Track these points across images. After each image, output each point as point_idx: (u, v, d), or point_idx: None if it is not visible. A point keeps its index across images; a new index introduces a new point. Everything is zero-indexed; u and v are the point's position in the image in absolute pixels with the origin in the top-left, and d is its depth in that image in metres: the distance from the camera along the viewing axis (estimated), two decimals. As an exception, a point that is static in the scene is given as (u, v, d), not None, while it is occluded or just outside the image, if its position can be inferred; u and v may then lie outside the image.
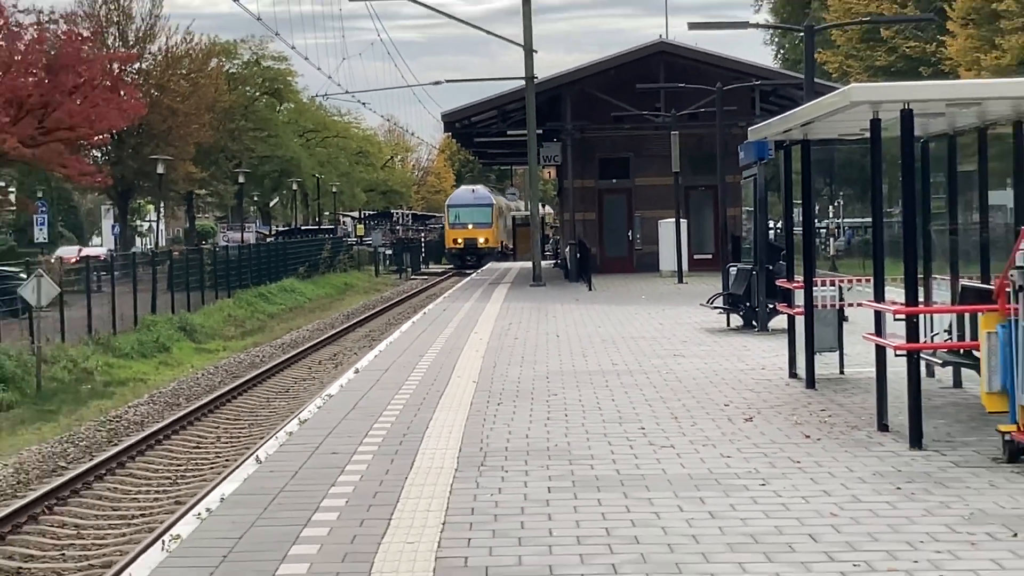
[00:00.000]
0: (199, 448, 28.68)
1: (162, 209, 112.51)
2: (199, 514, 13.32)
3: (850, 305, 23.27)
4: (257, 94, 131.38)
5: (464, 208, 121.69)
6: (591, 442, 16.89)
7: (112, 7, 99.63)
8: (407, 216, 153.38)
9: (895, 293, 17.62)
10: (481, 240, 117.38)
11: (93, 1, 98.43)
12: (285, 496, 14.08)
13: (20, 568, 14.84)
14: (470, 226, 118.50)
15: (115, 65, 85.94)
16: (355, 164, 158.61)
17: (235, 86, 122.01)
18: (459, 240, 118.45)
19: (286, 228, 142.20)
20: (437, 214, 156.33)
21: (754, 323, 32.14)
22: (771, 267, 30.87)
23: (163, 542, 12.29)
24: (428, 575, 10.75)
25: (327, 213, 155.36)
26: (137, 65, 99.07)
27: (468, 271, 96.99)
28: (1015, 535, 11.64)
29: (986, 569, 10.60)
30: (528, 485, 14.29)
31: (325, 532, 12.33)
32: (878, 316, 18.13)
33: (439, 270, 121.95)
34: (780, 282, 26.98)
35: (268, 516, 13.12)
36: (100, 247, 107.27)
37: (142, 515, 21.94)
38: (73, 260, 71.26)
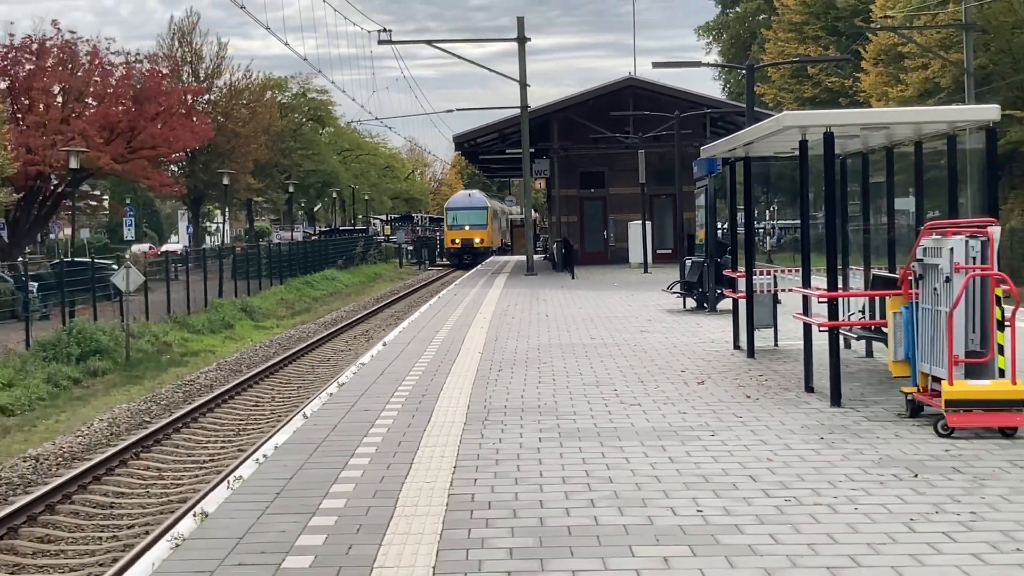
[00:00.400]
0: (257, 406, 28.78)
1: (227, 213, 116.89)
2: (258, 459, 13.68)
3: (782, 291, 23.31)
4: (304, 120, 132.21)
5: (461, 211, 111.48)
6: (574, 401, 16.96)
7: (186, 50, 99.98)
8: (425, 219, 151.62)
9: (819, 281, 17.68)
10: (477, 240, 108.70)
11: (171, 44, 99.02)
12: (327, 445, 14.18)
13: (113, 503, 14.96)
14: (467, 227, 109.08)
15: (189, 96, 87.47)
16: (383, 177, 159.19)
17: (286, 113, 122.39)
18: (456, 240, 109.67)
19: (327, 228, 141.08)
20: (441, 216, 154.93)
21: (705, 305, 32.15)
22: (719, 260, 30.92)
23: (228, 482, 12.48)
24: (442, 508, 10.82)
25: (360, 216, 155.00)
26: (206, 96, 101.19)
27: (465, 269, 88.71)
28: (915, 476, 11.77)
29: (892, 503, 10.70)
30: (523, 436, 14.38)
31: (359, 474, 12.42)
32: (805, 300, 18.17)
33: (443, 265, 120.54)
34: (726, 272, 27.10)
35: (313, 461, 13.22)
36: (176, 244, 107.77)
37: (211, 460, 22.13)
38: (146, 254, 72.15)
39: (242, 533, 10.12)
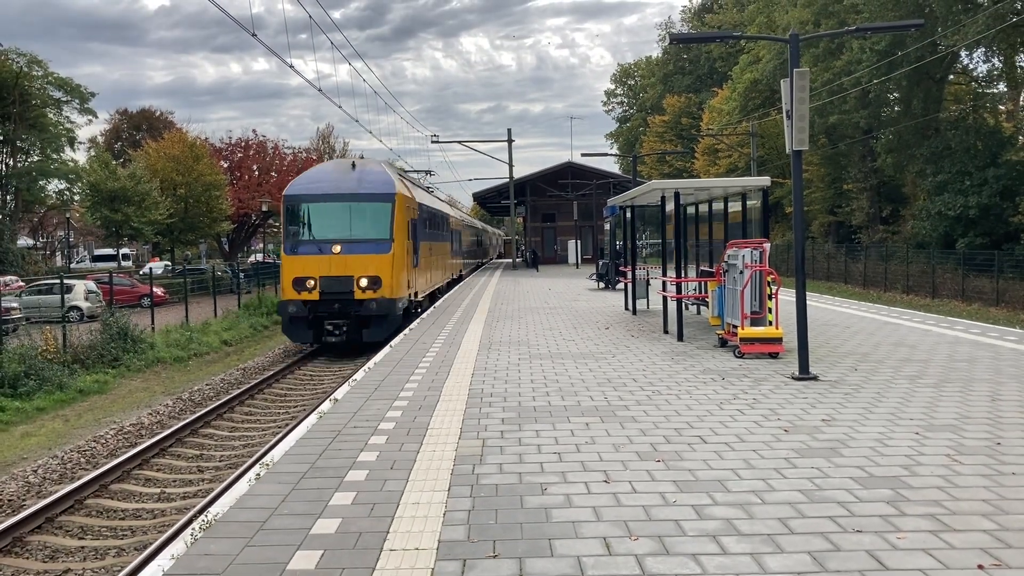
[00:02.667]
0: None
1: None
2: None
3: (651, 279, 23.33)
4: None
5: (324, 203, 22.55)
6: (537, 338, 16.96)
7: (325, 146, 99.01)
8: None
9: (671, 273, 17.67)
10: (366, 283, 21.87)
11: (318, 142, 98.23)
12: (406, 359, 14.12)
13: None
14: (335, 248, 21.90)
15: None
16: None
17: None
18: (310, 282, 21.82)
19: None
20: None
21: (610, 286, 32.23)
22: (617, 262, 31.02)
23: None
24: (464, 397, 10.82)
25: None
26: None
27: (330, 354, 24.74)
28: (723, 378, 11.76)
29: (710, 393, 10.72)
30: (509, 357, 14.36)
31: (420, 377, 12.38)
32: (664, 283, 18.21)
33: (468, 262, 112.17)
34: (621, 268, 27.08)
35: (396, 371, 13.16)
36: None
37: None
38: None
39: (356, 408, 10.14)
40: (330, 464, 7.70)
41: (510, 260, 68.65)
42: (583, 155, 56.78)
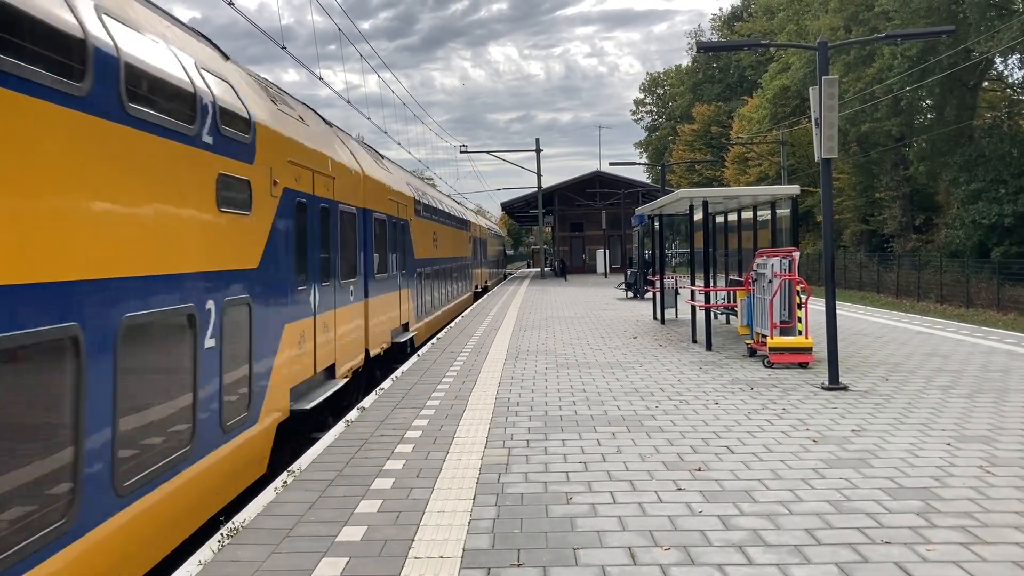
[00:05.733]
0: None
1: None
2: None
3: (679, 287, 23.24)
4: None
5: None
6: (564, 347, 16.94)
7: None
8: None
9: (700, 282, 17.61)
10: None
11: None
12: (433, 368, 14.17)
13: None
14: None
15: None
16: None
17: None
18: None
19: None
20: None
21: (638, 295, 32.12)
22: (646, 271, 30.93)
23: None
24: (491, 405, 10.83)
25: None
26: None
27: None
28: (752, 388, 11.69)
29: (739, 403, 10.66)
30: (536, 366, 14.36)
31: (447, 387, 12.43)
32: (692, 292, 18.13)
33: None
34: (650, 277, 27.00)
35: (424, 379, 13.22)
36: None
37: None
38: None
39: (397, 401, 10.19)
40: (357, 472, 7.74)
41: (536, 268, 68.71)
42: (611, 164, 56.71)
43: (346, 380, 12.23)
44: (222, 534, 6.18)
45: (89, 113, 5.31)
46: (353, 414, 10.49)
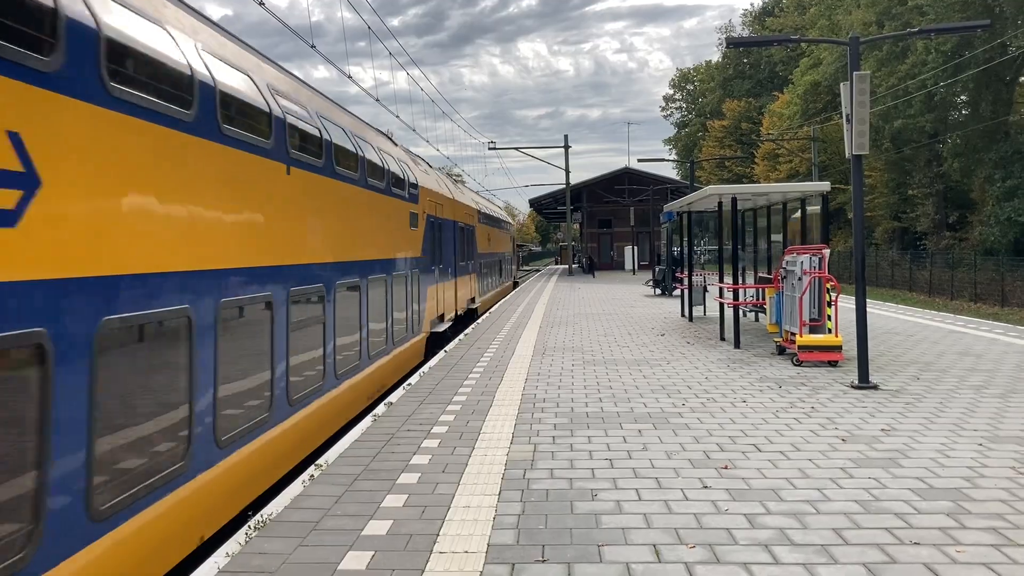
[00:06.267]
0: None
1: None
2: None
3: (708, 285, 23.12)
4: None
5: None
6: (592, 344, 16.91)
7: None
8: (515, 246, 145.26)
9: (728, 279, 17.50)
10: None
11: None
12: (460, 364, 14.20)
13: None
14: None
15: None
16: None
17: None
18: None
19: None
20: (524, 244, 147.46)
21: (666, 292, 31.98)
22: (674, 268, 30.79)
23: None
24: (517, 402, 10.84)
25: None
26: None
27: None
28: (780, 386, 11.62)
29: (767, 401, 10.59)
30: (563, 363, 14.36)
31: (474, 382, 12.46)
32: (720, 289, 18.02)
33: (528, 268, 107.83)
34: (678, 274, 26.87)
35: (452, 373, 13.24)
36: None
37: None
38: None
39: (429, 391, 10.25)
40: (383, 466, 7.78)
41: (564, 265, 68.60)
42: (640, 160, 56.24)
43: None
44: (249, 527, 6.24)
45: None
46: (380, 409, 10.55)
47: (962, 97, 45.79)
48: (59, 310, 4.67)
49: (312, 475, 7.56)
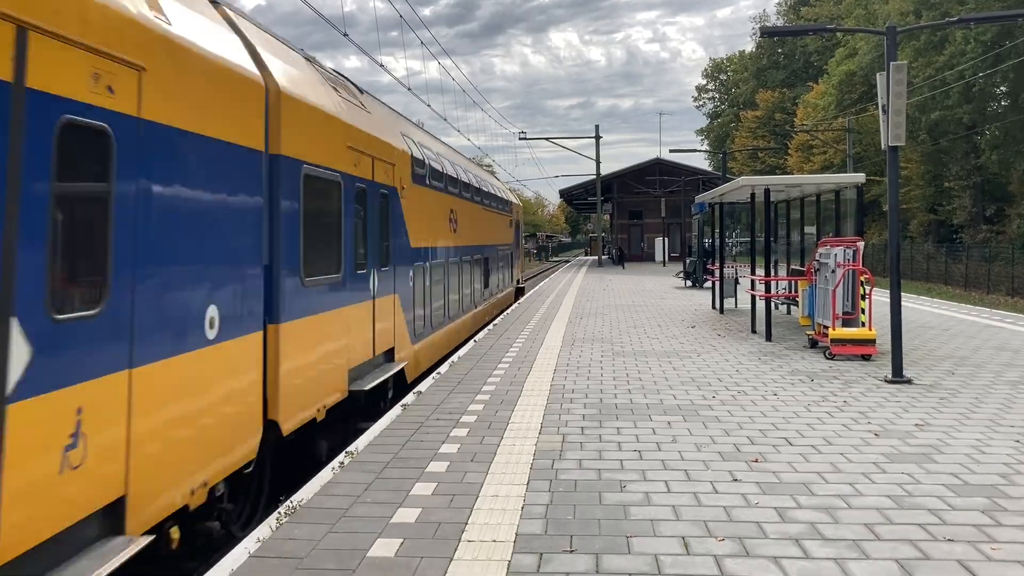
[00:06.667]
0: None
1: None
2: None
3: (740, 277, 22.95)
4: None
5: None
6: (621, 336, 16.85)
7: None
8: (543, 235, 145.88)
9: (760, 271, 17.34)
10: None
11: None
12: (490, 353, 14.20)
13: None
14: None
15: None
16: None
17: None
18: None
19: None
20: (553, 235, 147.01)
21: (697, 284, 31.79)
22: (705, 260, 30.59)
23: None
24: (546, 392, 10.83)
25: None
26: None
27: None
28: (812, 380, 11.51)
29: (799, 395, 10.50)
30: (592, 354, 14.31)
31: (503, 372, 12.45)
32: (752, 282, 17.88)
33: (557, 259, 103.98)
34: (709, 266, 26.69)
35: (482, 362, 13.25)
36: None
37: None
38: None
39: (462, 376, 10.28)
40: (412, 455, 7.81)
41: (594, 257, 68.47)
42: (672, 151, 56.26)
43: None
44: (280, 512, 6.30)
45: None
46: (410, 398, 10.58)
47: (1002, 88, 45.00)
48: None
49: (342, 462, 7.61)
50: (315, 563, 5.32)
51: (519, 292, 30.27)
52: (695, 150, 63.32)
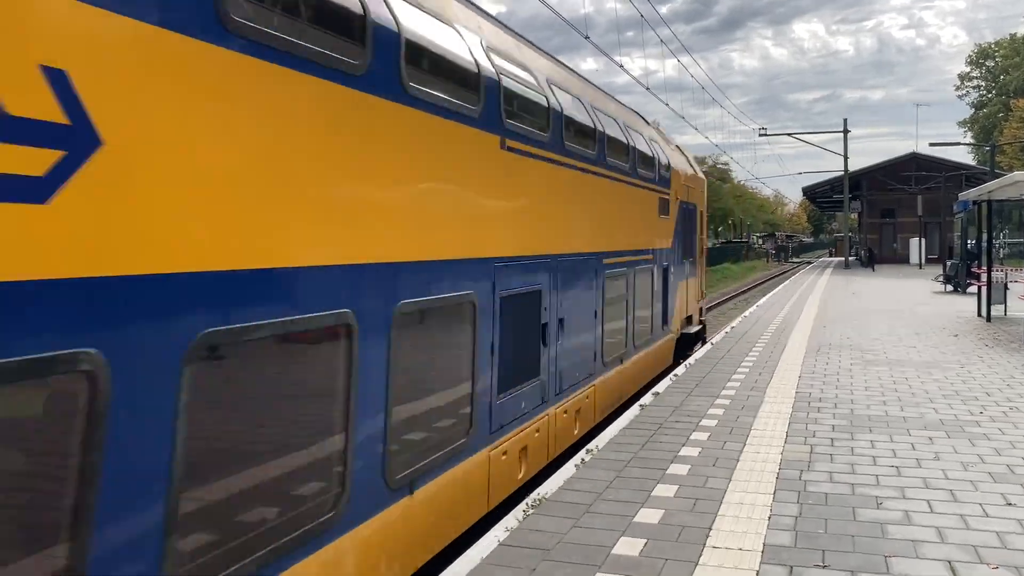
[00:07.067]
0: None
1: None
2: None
3: (1010, 281, 20.92)
4: (713, 179, 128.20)
5: None
6: (872, 343, 15.89)
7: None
8: (783, 235, 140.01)
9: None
10: None
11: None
12: (725, 360, 13.92)
13: None
14: None
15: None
16: (759, 211, 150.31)
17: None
18: None
19: (724, 241, 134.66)
20: (794, 234, 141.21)
21: (959, 289, 29.33)
22: (969, 263, 28.21)
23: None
24: (790, 399, 10.46)
25: (744, 233, 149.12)
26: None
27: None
28: (1099, 399, 10.29)
29: (1082, 415, 9.43)
30: (840, 361, 13.63)
31: (742, 377, 12.17)
32: (1026, 288, 16.26)
33: (798, 261, 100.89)
34: (974, 269, 24.55)
35: (709, 378, 13.03)
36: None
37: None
38: None
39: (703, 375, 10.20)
40: (652, 455, 7.80)
41: (839, 258, 64.89)
42: (931, 145, 51.92)
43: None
44: (527, 503, 6.52)
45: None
46: (648, 399, 10.58)
47: None
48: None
49: (583, 459, 7.74)
50: (561, 556, 5.45)
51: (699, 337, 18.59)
52: (957, 143, 58.11)
